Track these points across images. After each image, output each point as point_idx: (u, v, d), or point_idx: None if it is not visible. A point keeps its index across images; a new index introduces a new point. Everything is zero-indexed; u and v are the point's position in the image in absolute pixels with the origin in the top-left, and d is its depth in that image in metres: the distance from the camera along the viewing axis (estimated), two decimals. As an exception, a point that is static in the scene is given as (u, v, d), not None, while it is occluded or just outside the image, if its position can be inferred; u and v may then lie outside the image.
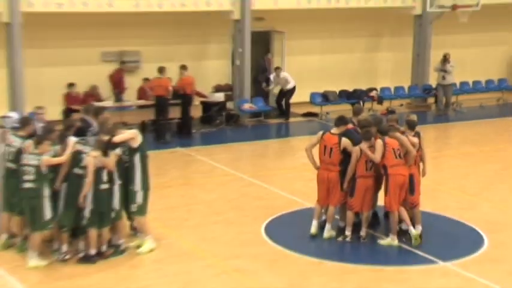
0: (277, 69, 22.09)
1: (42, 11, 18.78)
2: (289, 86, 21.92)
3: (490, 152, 18.46)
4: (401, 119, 12.79)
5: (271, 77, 22.12)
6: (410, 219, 12.18)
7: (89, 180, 10.96)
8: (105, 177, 11.11)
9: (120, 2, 19.54)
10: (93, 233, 11.17)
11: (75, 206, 11.11)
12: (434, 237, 12.36)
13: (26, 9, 18.53)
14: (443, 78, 23.08)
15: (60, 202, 11.17)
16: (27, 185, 10.94)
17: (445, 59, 22.94)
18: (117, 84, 20.64)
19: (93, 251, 11.23)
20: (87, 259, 11.20)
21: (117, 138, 11.37)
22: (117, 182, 11.32)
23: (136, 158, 11.49)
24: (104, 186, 11.12)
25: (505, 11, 25.33)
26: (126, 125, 15.02)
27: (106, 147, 11.16)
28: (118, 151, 11.31)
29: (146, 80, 20.62)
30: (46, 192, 10.96)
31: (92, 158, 10.99)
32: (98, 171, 11.04)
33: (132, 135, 11.53)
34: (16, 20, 18.49)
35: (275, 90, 22.54)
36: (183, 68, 20.04)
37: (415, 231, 11.90)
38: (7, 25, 18.70)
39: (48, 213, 11.01)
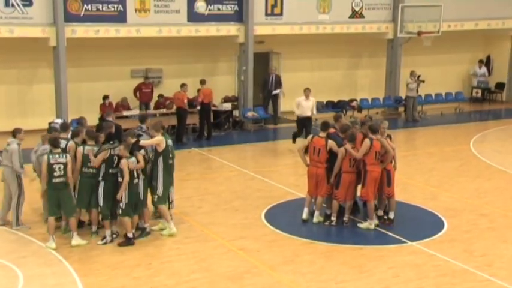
0: (307, 90, 17.99)
1: (83, 37, 18.81)
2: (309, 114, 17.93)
3: (449, 152, 18.41)
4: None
5: (278, 91, 21.73)
6: (385, 207, 12.29)
7: (125, 180, 10.90)
8: (135, 174, 11.13)
9: (146, 29, 19.54)
10: (128, 221, 11.16)
11: (111, 199, 11.13)
12: (404, 221, 12.35)
13: (69, 35, 18.57)
14: (417, 91, 23.07)
15: (99, 197, 11.15)
16: (57, 180, 10.94)
17: (419, 78, 22.95)
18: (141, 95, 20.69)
19: (130, 235, 11.20)
20: (127, 242, 11.15)
21: (144, 142, 11.38)
22: (141, 177, 11.32)
23: (160, 160, 11.46)
24: (136, 181, 11.14)
25: (461, 37, 25.33)
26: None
27: (132, 149, 11.17)
28: (142, 151, 11.33)
29: (161, 96, 20.60)
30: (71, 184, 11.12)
31: (125, 161, 10.95)
32: (131, 170, 11.03)
33: (157, 141, 11.46)
34: (61, 44, 18.50)
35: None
36: (202, 82, 19.88)
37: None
38: (54, 48, 18.73)
39: (74, 200, 11.13)
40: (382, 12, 23.35)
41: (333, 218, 12.17)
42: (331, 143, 11.96)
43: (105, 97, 19.84)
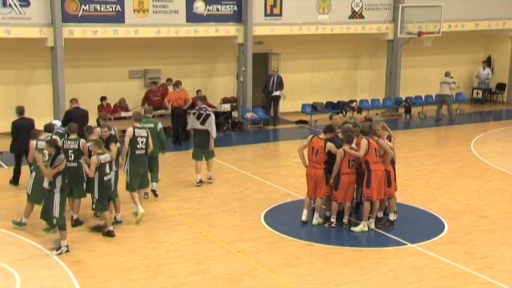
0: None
1: (81, 37, 18.81)
2: None
3: (449, 153, 18.42)
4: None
5: (279, 93, 21.78)
6: (385, 208, 12.33)
7: (90, 176, 11.32)
8: (107, 170, 11.41)
9: (145, 29, 19.54)
10: (107, 214, 11.60)
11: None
12: (404, 223, 12.36)
13: (67, 36, 18.56)
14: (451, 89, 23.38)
15: (54, 208, 10.83)
16: None
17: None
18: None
19: (111, 228, 11.63)
20: (108, 233, 11.56)
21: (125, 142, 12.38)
22: (114, 169, 11.71)
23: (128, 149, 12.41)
24: (107, 178, 11.43)
25: (461, 38, 25.37)
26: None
27: (108, 140, 11.80)
28: (118, 143, 11.86)
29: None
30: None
31: (96, 158, 11.20)
32: (103, 166, 11.30)
33: (129, 135, 12.30)
34: (59, 45, 18.50)
35: None
36: (179, 84, 19.46)
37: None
38: (51, 49, 18.71)
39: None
40: (382, 13, 23.35)
41: (333, 220, 12.17)
42: (329, 145, 11.96)
43: (103, 98, 19.84)
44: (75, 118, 14.11)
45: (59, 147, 10.91)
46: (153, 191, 13.81)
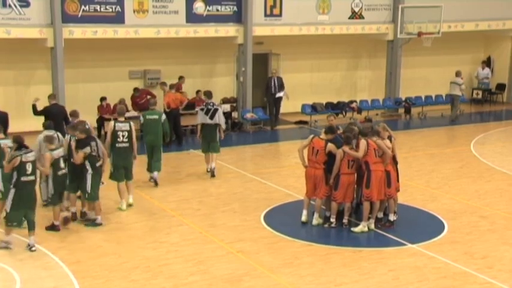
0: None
1: (81, 38, 18.81)
2: None
3: (449, 153, 18.42)
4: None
5: (282, 94, 21.78)
6: (385, 208, 12.32)
7: (44, 172, 11.47)
8: (62, 165, 11.53)
9: (145, 30, 19.54)
10: (55, 209, 11.75)
11: (22, 207, 10.98)
12: (404, 224, 12.36)
13: (67, 36, 18.57)
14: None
15: (7, 204, 10.87)
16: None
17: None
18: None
19: (57, 222, 11.79)
20: (52, 227, 11.75)
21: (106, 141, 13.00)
22: (90, 171, 11.87)
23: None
24: (61, 172, 11.54)
25: (461, 38, 25.35)
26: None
27: (78, 144, 11.87)
28: (87, 149, 11.81)
29: (136, 90, 20.36)
30: None
31: (49, 154, 11.33)
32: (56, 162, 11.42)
33: (110, 131, 12.80)
34: (59, 45, 18.50)
35: None
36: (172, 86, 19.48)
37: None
38: (51, 49, 18.71)
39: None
40: (381, 13, 23.35)
41: (332, 220, 12.17)
42: (330, 146, 11.96)
43: (103, 98, 19.83)
44: (53, 114, 14.40)
45: (22, 145, 10.90)
46: (154, 180, 14.56)
